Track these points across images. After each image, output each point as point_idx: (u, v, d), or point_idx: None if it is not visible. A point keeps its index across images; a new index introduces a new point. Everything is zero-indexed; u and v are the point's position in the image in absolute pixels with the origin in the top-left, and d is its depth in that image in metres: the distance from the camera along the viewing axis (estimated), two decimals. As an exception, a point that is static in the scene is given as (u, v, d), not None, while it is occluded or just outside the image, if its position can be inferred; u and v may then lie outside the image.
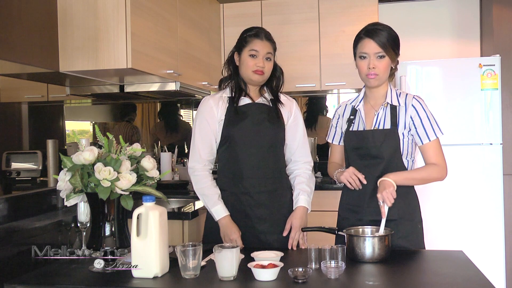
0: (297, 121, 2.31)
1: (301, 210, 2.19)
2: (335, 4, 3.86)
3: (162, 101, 4.28)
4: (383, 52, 2.01)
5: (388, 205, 1.89)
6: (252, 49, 2.17)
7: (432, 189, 3.30)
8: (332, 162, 2.28)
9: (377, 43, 2.00)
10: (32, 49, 2.25)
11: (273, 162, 2.22)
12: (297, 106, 2.35)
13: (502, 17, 3.79)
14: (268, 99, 2.26)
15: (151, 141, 4.19)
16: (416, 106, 2.04)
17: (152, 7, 2.73)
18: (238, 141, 2.18)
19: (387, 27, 2.05)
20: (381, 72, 2.03)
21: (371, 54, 2.01)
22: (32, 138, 2.69)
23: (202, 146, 2.20)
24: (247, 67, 2.18)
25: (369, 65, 2.01)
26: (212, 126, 2.19)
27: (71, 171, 1.68)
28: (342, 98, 4.29)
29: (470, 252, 2.02)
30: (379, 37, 2.00)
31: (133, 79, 3.00)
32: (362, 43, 2.04)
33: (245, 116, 2.19)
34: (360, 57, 2.05)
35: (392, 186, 1.91)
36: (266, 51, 2.19)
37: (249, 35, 2.21)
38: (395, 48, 2.05)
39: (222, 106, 2.21)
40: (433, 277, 1.65)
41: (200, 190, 2.18)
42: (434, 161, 2.03)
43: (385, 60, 2.02)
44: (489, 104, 3.52)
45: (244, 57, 2.19)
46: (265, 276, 1.58)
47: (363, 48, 2.03)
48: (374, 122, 2.08)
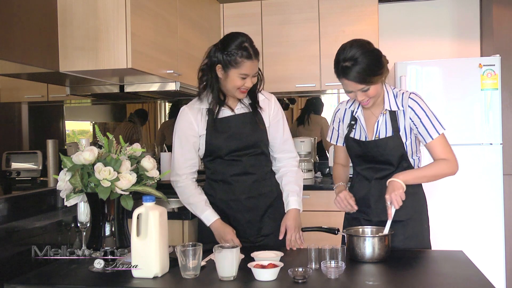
0: (278, 118, 2.25)
1: (293, 212, 2.18)
2: (335, 4, 3.86)
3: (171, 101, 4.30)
4: (365, 85, 1.90)
5: (395, 207, 1.86)
6: (243, 73, 2.06)
7: (432, 189, 3.28)
8: (337, 164, 2.26)
9: (355, 81, 1.88)
10: (32, 49, 2.25)
11: (260, 166, 2.21)
12: (276, 101, 2.28)
13: (502, 17, 3.79)
14: (247, 104, 2.19)
15: (160, 139, 4.20)
16: (413, 107, 2.00)
17: (152, 7, 2.73)
18: (222, 153, 2.15)
19: (361, 55, 1.86)
20: (372, 96, 1.95)
21: (355, 91, 1.93)
22: (32, 138, 2.69)
23: (183, 160, 2.18)
24: (234, 85, 2.08)
25: (357, 99, 1.95)
26: (192, 140, 2.16)
27: (71, 171, 1.68)
28: (342, 98, 4.29)
29: (470, 252, 2.02)
30: (353, 73, 1.86)
31: (133, 79, 3.00)
32: (342, 81, 1.94)
33: (227, 129, 2.15)
34: (346, 91, 1.97)
35: (402, 188, 1.88)
36: (254, 72, 2.10)
37: (240, 55, 2.04)
38: (378, 70, 1.90)
39: (202, 120, 2.15)
40: (433, 277, 1.65)
41: (186, 200, 2.19)
42: (442, 156, 1.98)
43: (371, 88, 1.91)
44: (489, 104, 3.51)
45: (232, 76, 2.06)
46: (265, 276, 1.58)
47: (345, 86, 1.94)
48: (375, 130, 2.04)
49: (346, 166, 2.26)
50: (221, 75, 2.10)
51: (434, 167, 1.99)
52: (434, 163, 2.01)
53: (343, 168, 2.25)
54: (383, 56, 1.95)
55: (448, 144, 2.01)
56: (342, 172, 2.22)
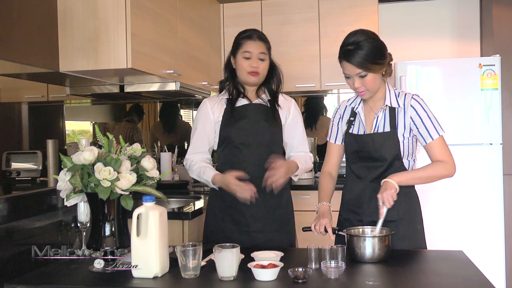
0: (296, 120, 2.34)
1: (290, 160, 2.24)
2: (335, 4, 3.86)
3: (162, 101, 4.28)
4: (363, 71, 1.94)
5: (387, 207, 1.88)
6: (245, 51, 2.21)
7: (432, 189, 3.30)
8: (326, 173, 2.21)
9: (355, 64, 1.93)
10: (32, 49, 2.25)
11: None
12: (296, 105, 2.37)
13: (502, 17, 3.79)
14: (265, 100, 2.27)
15: (151, 141, 4.20)
16: (415, 107, 2.02)
17: (152, 7, 2.73)
18: (236, 141, 2.20)
19: (365, 40, 1.94)
20: (369, 86, 1.98)
21: (352, 75, 1.97)
22: (32, 138, 2.69)
23: (197, 145, 2.27)
24: (242, 69, 2.22)
25: (354, 85, 1.99)
26: (209, 128, 2.25)
27: (71, 171, 1.68)
28: (342, 98, 4.29)
29: (470, 252, 2.02)
30: (355, 57, 1.92)
31: (133, 79, 3.00)
32: (342, 65, 2.00)
33: (242, 117, 2.22)
34: (345, 77, 2.03)
35: (394, 188, 1.89)
36: (259, 51, 2.22)
37: (242, 37, 2.25)
38: (378, 59, 1.95)
39: (219, 108, 2.25)
40: (433, 277, 1.65)
41: (196, 171, 2.23)
42: (440, 158, 1.99)
43: (369, 76, 1.95)
44: (489, 104, 3.52)
45: (239, 59, 2.23)
46: (265, 276, 1.58)
47: (344, 69, 2.00)
48: (374, 125, 2.06)
49: (333, 177, 2.22)
50: (234, 65, 2.26)
51: (429, 169, 2.00)
52: (430, 165, 2.02)
53: (331, 180, 2.19)
54: (386, 49, 2.00)
55: (447, 147, 2.02)
56: (329, 185, 2.17)
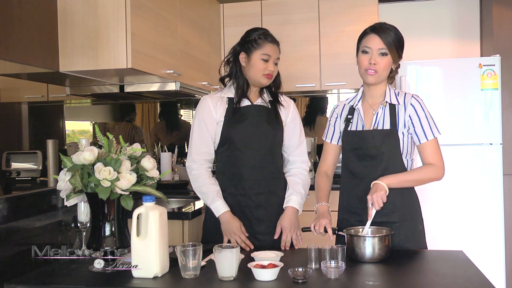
0: (295, 121, 2.31)
1: (290, 211, 2.18)
2: (335, 4, 3.86)
3: (162, 101, 4.28)
4: (386, 49, 2.00)
5: (376, 209, 1.88)
6: (265, 53, 2.15)
7: (432, 189, 3.30)
8: (322, 173, 2.22)
9: (382, 39, 2.00)
10: (32, 49, 2.25)
11: (272, 163, 2.22)
12: (295, 106, 2.35)
13: (502, 17, 3.79)
14: (266, 101, 2.25)
15: (152, 141, 4.19)
16: (415, 105, 2.03)
17: (152, 7, 2.73)
18: (237, 142, 2.17)
19: (394, 27, 2.06)
20: (381, 69, 2.02)
21: (374, 49, 2.01)
22: (32, 138, 2.69)
23: (200, 146, 2.20)
24: (257, 70, 2.16)
25: (370, 60, 2.01)
26: (210, 127, 2.19)
27: (71, 171, 1.68)
28: (342, 98, 4.29)
29: (470, 252, 2.02)
30: (385, 34, 2.01)
31: (133, 79, 3.00)
32: (366, 38, 2.04)
33: (245, 118, 2.19)
34: (363, 52, 2.04)
35: (384, 190, 1.90)
36: (276, 56, 2.19)
37: (260, 37, 2.17)
38: (399, 49, 2.05)
39: (221, 107, 2.20)
40: (433, 277, 1.65)
41: (198, 189, 2.19)
42: (431, 160, 2.02)
43: (387, 58, 2.02)
44: (489, 104, 3.51)
45: (255, 60, 2.15)
46: (265, 276, 1.58)
47: (367, 43, 2.03)
48: (374, 121, 2.07)
49: (330, 177, 2.23)
50: (244, 63, 2.18)
51: (420, 172, 2.03)
52: (421, 168, 2.04)
53: (328, 180, 2.20)
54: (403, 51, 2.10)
55: (439, 150, 2.05)
56: (326, 185, 2.18)
